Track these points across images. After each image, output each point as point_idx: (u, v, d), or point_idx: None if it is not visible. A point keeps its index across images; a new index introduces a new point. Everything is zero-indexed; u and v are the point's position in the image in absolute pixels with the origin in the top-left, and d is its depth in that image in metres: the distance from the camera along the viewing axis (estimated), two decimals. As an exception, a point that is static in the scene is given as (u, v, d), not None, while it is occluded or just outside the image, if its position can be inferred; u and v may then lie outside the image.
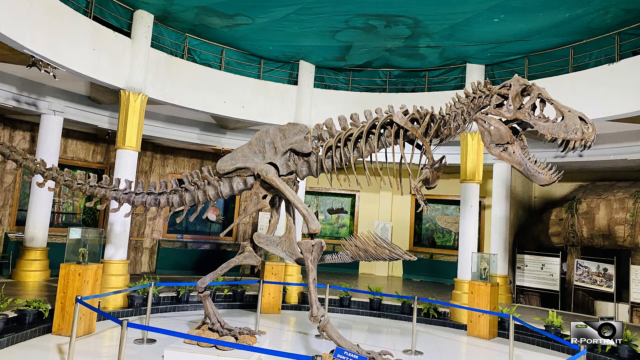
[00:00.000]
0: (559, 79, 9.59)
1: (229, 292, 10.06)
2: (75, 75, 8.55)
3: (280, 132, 5.95)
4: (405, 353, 7.37)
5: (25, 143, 12.09)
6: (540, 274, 13.05)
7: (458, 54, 10.82)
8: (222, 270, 6.05)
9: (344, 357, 4.35)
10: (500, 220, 12.61)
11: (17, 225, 11.75)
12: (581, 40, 9.74)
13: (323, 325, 5.04)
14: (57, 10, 7.93)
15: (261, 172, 5.62)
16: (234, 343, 5.31)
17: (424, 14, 9.05)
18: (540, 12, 8.66)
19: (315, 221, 5.17)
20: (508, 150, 4.44)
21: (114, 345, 6.73)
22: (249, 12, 9.45)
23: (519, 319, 7.15)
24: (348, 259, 5.46)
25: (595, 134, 3.97)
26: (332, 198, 17.44)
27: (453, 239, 16.26)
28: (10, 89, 9.76)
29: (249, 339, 5.86)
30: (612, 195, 12.48)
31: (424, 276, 15.99)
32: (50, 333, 6.86)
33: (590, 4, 8.34)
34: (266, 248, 5.84)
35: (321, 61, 11.81)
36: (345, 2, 8.85)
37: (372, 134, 5.51)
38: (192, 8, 9.42)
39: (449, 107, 5.17)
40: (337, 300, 10.49)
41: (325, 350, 6.72)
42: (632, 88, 8.26)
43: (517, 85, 4.40)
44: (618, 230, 12.01)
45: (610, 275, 11.76)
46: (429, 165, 5.24)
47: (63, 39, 8.00)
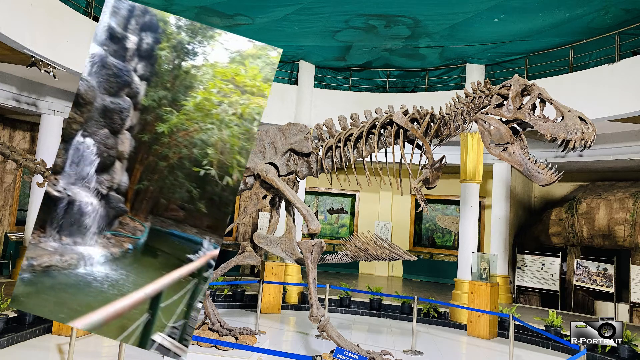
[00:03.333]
0: (559, 79, 9.59)
1: (229, 292, 10.06)
2: (75, 75, 8.55)
3: (280, 132, 5.95)
4: (405, 353, 7.38)
5: (25, 143, 12.09)
6: (540, 274, 13.04)
7: (458, 54, 10.82)
8: (222, 270, 6.05)
9: (344, 357, 4.35)
10: (500, 220, 12.60)
11: (17, 225, 11.76)
12: (581, 40, 9.74)
13: (323, 325, 5.04)
14: (57, 10, 7.94)
15: (261, 172, 5.62)
16: (234, 343, 5.32)
17: (424, 14, 9.04)
18: (540, 12, 8.66)
19: (315, 221, 5.17)
20: (508, 150, 4.43)
21: (114, 345, 6.72)
22: (249, 12, 9.45)
23: (519, 319, 7.15)
24: (348, 259, 5.46)
25: (595, 134, 3.96)
26: (332, 198, 17.44)
27: (453, 239, 16.26)
28: (10, 89, 9.76)
29: (249, 339, 5.86)
30: (612, 195, 12.48)
31: (424, 276, 15.99)
32: (50, 333, 6.86)
33: (590, 4, 8.34)
34: (266, 248, 5.84)
35: (321, 61, 11.81)
36: (345, 2, 8.84)
37: (372, 134, 5.52)
38: (192, 8, 9.42)
39: (449, 107, 5.17)
40: (337, 300, 10.49)
41: (325, 350, 6.73)
42: (632, 88, 8.25)
43: (517, 85, 4.40)
44: (618, 230, 12.01)
45: (610, 275, 11.76)
46: (429, 165, 5.24)
47: (63, 39, 8.00)
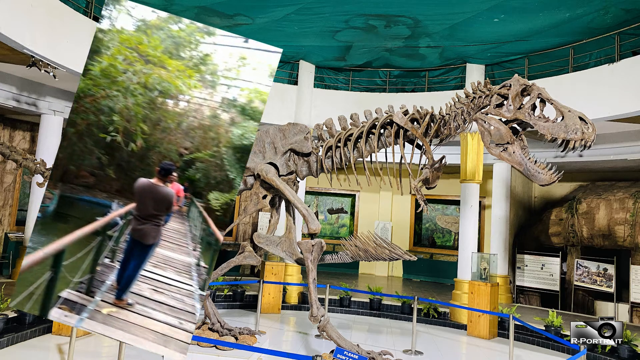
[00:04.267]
0: (559, 79, 9.59)
1: (229, 292, 10.06)
2: (75, 75, 8.55)
3: (280, 132, 5.95)
4: (405, 353, 7.38)
5: (25, 143, 12.09)
6: (540, 274, 13.04)
7: (458, 54, 10.82)
8: (222, 270, 6.05)
9: (344, 357, 4.35)
10: (500, 220, 12.61)
11: (17, 225, 11.76)
12: (581, 40, 9.74)
13: (323, 325, 5.04)
14: (57, 10, 7.94)
15: (261, 172, 5.62)
16: (234, 343, 5.32)
17: (424, 14, 9.04)
18: (540, 12, 8.66)
19: (315, 221, 5.17)
20: (508, 150, 4.44)
21: (114, 345, 6.72)
22: (249, 12, 9.45)
23: (519, 319, 7.15)
24: (348, 259, 5.46)
25: (595, 134, 3.97)
26: (332, 198, 17.44)
27: (453, 239, 16.26)
28: (10, 89, 9.76)
29: (249, 339, 5.86)
30: (612, 195, 12.48)
31: (424, 276, 15.99)
32: (50, 333, 6.86)
33: (590, 4, 8.34)
34: (266, 248, 5.84)
35: (321, 61, 11.81)
36: (345, 2, 8.85)
37: (372, 134, 5.52)
38: (192, 8, 9.42)
39: (449, 107, 5.17)
40: (337, 300, 10.49)
41: (325, 350, 6.73)
42: (632, 88, 8.25)
43: (517, 85, 4.40)
44: (618, 230, 12.01)
45: (610, 275, 11.76)
46: (429, 165, 5.24)
47: (63, 39, 8.00)
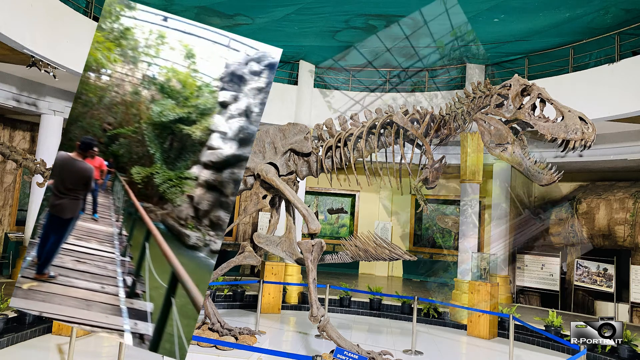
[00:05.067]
0: (559, 79, 9.59)
1: (229, 292, 10.06)
2: (75, 75, 8.55)
3: (280, 132, 5.96)
4: (405, 353, 7.37)
5: (25, 143, 12.09)
6: (540, 274, 13.04)
7: (458, 54, 10.82)
8: (222, 270, 6.05)
9: (344, 357, 4.35)
10: (500, 220, 12.60)
11: (17, 225, 11.76)
12: (581, 40, 9.74)
13: (323, 325, 5.04)
14: (57, 10, 7.94)
15: (261, 172, 5.62)
16: (234, 343, 5.32)
17: (423, 13, 9.04)
18: (540, 12, 8.66)
19: (315, 221, 5.18)
20: (508, 150, 4.44)
21: (114, 345, 6.72)
22: (249, 12, 9.45)
23: (519, 319, 7.15)
24: (348, 259, 5.46)
25: (595, 134, 3.97)
26: (332, 198, 17.43)
27: (453, 239, 16.25)
28: (10, 89, 9.75)
29: (249, 339, 5.87)
30: (612, 195, 12.48)
31: (424, 276, 15.99)
32: (50, 333, 6.85)
33: (590, 4, 8.34)
34: (266, 248, 5.84)
35: (321, 61, 11.81)
36: (345, 2, 8.85)
37: (372, 134, 5.52)
38: (192, 8, 9.42)
39: (449, 107, 5.17)
40: (337, 300, 10.48)
41: (325, 350, 6.73)
42: (632, 88, 8.25)
43: (517, 85, 4.40)
44: (618, 230, 12.01)
45: (610, 275, 11.76)
46: (429, 165, 5.24)
47: (63, 39, 8.00)
